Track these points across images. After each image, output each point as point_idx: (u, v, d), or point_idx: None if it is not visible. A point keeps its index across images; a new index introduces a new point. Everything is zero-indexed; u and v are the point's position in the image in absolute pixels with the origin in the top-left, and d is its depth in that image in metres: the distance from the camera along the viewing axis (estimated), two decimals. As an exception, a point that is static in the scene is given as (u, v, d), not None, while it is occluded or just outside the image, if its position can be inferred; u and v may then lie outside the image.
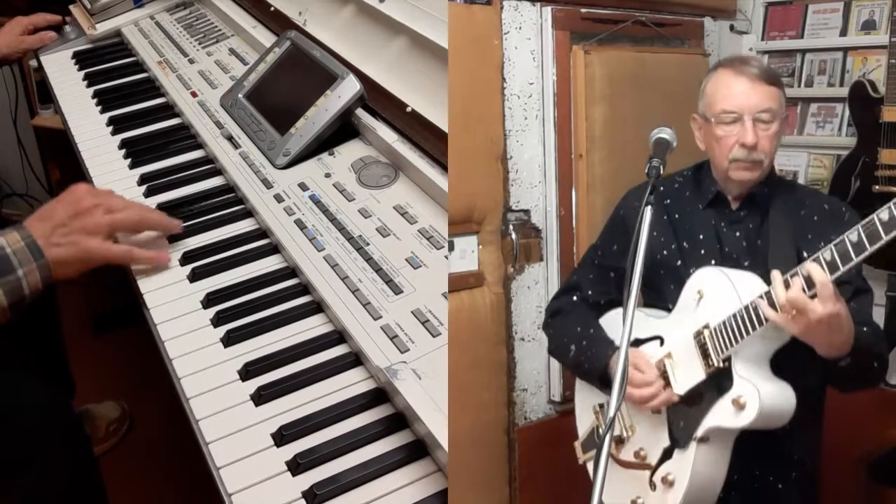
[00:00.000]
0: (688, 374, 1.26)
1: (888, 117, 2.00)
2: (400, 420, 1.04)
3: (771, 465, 1.32)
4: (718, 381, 1.23)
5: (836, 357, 1.17)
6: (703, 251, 1.35)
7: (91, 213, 1.24)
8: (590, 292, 1.48)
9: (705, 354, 1.24)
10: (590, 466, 1.46)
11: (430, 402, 1.00)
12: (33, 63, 2.53)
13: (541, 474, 1.85)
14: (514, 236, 1.82)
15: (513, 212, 1.83)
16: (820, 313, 1.10)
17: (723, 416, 1.22)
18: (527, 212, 1.86)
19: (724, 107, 1.30)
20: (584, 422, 1.48)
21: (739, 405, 1.19)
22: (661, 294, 1.38)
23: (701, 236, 1.36)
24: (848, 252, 1.08)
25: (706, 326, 1.24)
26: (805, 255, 1.25)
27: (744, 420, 1.19)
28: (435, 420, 0.97)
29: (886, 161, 2.02)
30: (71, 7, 2.27)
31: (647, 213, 1.18)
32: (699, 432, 1.24)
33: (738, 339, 1.20)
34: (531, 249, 1.87)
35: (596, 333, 1.41)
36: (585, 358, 1.40)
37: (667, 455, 1.29)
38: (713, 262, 1.32)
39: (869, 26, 2.22)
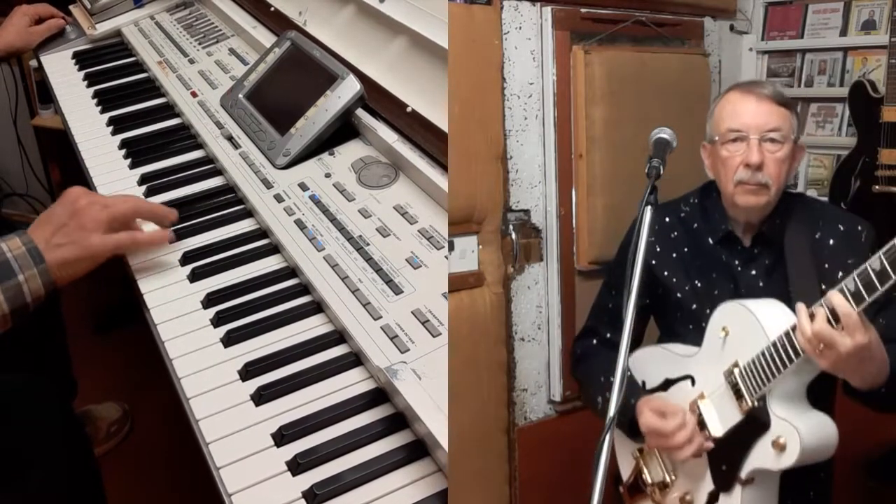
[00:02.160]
0: (723, 416, 1.23)
1: (888, 117, 2.01)
2: (400, 420, 1.04)
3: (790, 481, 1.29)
4: (756, 421, 1.19)
5: (869, 388, 1.12)
6: (716, 292, 1.31)
7: (88, 210, 1.24)
8: (608, 335, 1.44)
9: (738, 395, 1.20)
10: None
11: (430, 401, 0.99)
12: (33, 63, 2.53)
13: (541, 474, 1.85)
14: (514, 236, 1.82)
15: (513, 212, 1.83)
16: (849, 346, 1.05)
17: (764, 458, 1.18)
18: (527, 212, 1.86)
19: (729, 125, 1.26)
20: (626, 466, 1.43)
21: (780, 447, 1.15)
22: (679, 336, 1.35)
23: (714, 275, 1.32)
24: (872, 282, 1.02)
25: (735, 365, 1.21)
26: (823, 286, 1.20)
27: (786, 462, 1.15)
28: (435, 420, 0.97)
29: (886, 161, 2.02)
30: (71, 7, 2.27)
31: (647, 212, 1.18)
32: (742, 474, 1.21)
33: (771, 377, 1.15)
34: (531, 249, 1.87)
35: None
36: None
37: (713, 499, 1.25)
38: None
39: (869, 26, 2.22)
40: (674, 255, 1.36)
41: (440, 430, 0.96)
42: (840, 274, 1.21)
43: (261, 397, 1.08)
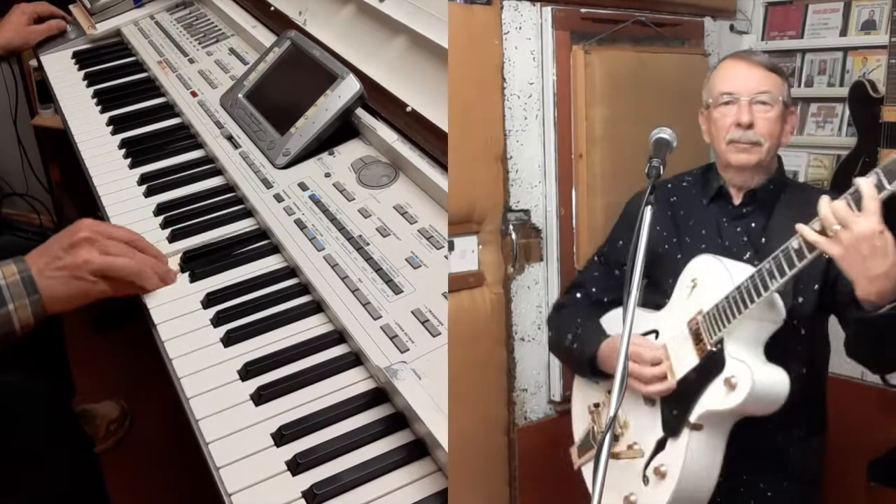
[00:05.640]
0: (682, 362, 1.26)
1: (888, 117, 2.00)
2: (400, 420, 1.04)
3: (762, 472, 1.31)
4: (711, 366, 1.23)
5: (879, 301, 1.08)
6: (703, 245, 1.36)
7: (83, 247, 1.20)
8: (594, 289, 1.48)
9: (697, 339, 1.24)
10: (584, 471, 1.45)
11: (430, 401, 0.99)
12: (33, 63, 2.53)
13: (541, 474, 1.85)
14: (514, 236, 1.82)
15: (513, 212, 1.83)
16: (864, 226, 1.05)
17: (714, 398, 1.21)
18: (527, 212, 1.86)
19: (721, 89, 1.33)
20: (580, 425, 1.47)
21: (731, 385, 1.19)
22: (660, 288, 1.38)
23: (703, 231, 1.37)
24: (894, 170, 1.04)
25: (699, 312, 1.25)
26: None
27: (735, 400, 1.18)
28: (435, 420, 0.97)
29: (886, 161, 2.02)
30: (71, 7, 2.27)
31: (648, 212, 1.18)
32: (692, 418, 1.24)
33: (732, 318, 1.20)
34: (531, 249, 1.87)
35: (590, 323, 1.42)
36: (579, 343, 1.40)
37: (660, 446, 1.29)
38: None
39: (869, 26, 2.22)
40: (668, 212, 1.41)
41: (440, 430, 0.96)
42: None
43: (260, 397, 1.07)
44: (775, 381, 1.20)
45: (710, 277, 1.26)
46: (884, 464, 1.91)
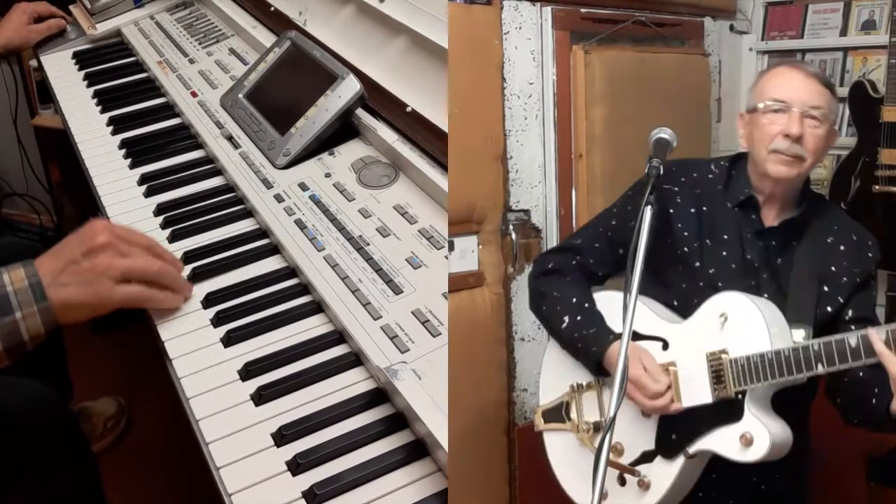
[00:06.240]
0: (693, 392, 1.24)
1: (888, 117, 2.01)
2: (400, 420, 1.04)
3: (754, 466, 1.30)
4: (726, 410, 1.22)
5: None
6: (724, 253, 1.31)
7: (104, 253, 1.13)
8: (591, 261, 1.42)
9: (718, 380, 1.22)
10: (546, 437, 1.44)
11: (430, 401, 1.00)
12: (33, 63, 2.53)
13: (541, 474, 1.85)
14: (514, 236, 1.82)
15: (513, 212, 1.83)
16: None
17: (726, 446, 1.21)
18: (527, 212, 1.86)
19: (774, 95, 1.27)
20: (551, 392, 1.43)
21: (747, 441, 1.19)
22: (669, 286, 1.34)
23: (725, 236, 1.32)
24: None
25: (724, 352, 1.22)
26: (825, 288, 1.26)
27: (751, 456, 1.19)
28: (435, 420, 0.97)
29: (886, 161, 2.02)
30: (71, 7, 2.27)
31: (647, 213, 1.18)
32: (691, 449, 1.24)
33: (763, 379, 1.18)
34: (531, 249, 1.87)
35: (591, 309, 1.36)
36: (581, 336, 1.34)
37: (646, 458, 1.28)
38: (733, 265, 1.30)
39: (869, 26, 2.22)
40: (692, 209, 1.35)
41: (440, 430, 0.96)
42: (844, 279, 1.26)
43: (261, 397, 1.08)
44: (785, 438, 1.21)
45: (744, 322, 1.22)
46: (884, 464, 1.91)
